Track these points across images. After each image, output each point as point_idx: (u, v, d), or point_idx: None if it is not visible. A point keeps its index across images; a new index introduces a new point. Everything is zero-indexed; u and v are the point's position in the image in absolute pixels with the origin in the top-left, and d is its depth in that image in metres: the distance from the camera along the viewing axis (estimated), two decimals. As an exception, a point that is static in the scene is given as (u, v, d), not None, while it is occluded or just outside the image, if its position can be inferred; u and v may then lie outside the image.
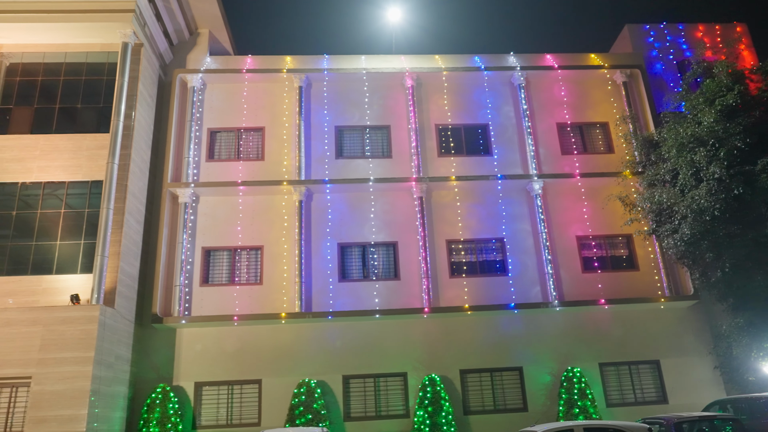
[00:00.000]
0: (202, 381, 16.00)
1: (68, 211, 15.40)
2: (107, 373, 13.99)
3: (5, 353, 13.27)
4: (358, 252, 17.71)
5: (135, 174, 16.14)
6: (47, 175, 15.64)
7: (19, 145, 15.91)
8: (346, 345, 16.55)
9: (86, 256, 14.91)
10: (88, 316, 13.58)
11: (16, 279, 14.69)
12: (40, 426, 12.80)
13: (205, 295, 16.79)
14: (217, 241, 17.35)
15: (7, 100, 16.56)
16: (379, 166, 18.48)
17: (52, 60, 17.03)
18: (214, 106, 18.90)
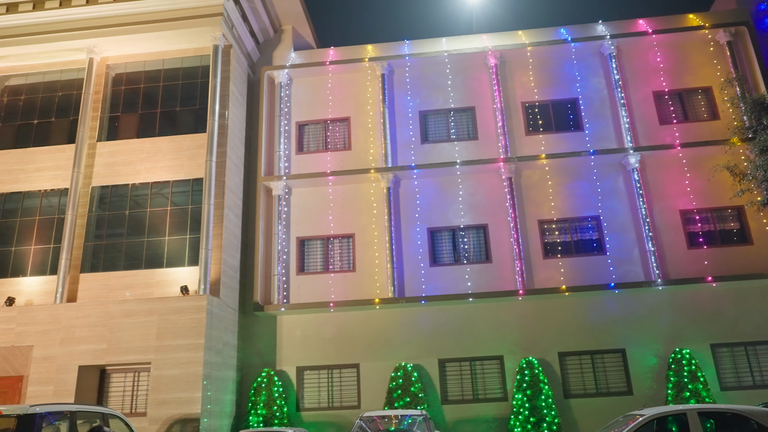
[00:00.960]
0: (303, 365, 16.65)
1: (174, 209, 16.45)
2: (217, 358, 14.89)
3: (127, 341, 14.45)
4: (448, 236, 17.66)
5: (231, 170, 16.95)
6: (153, 176, 16.75)
7: (127, 149, 17.14)
8: (441, 329, 16.61)
9: (192, 250, 15.87)
10: (197, 306, 14.50)
11: (132, 273, 15.90)
12: (160, 407, 13.86)
13: (302, 283, 17.41)
14: (310, 231, 17.90)
15: (115, 109, 17.86)
16: (465, 149, 18.29)
17: (152, 68, 18.15)
18: (300, 99, 19.43)
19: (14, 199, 17.08)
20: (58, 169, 17.08)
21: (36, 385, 14.35)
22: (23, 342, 14.76)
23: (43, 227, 16.66)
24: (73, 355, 14.50)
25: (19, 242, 16.58)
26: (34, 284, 16.02)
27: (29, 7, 17.96)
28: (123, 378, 15.18)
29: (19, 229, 16.73)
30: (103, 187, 16.86)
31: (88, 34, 17.55)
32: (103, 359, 14.46)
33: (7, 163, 17.35)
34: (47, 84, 18.40)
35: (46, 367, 14.47)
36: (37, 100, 18.25)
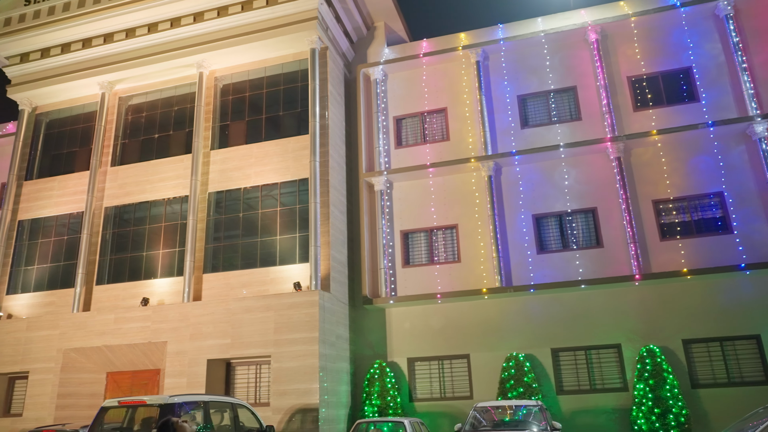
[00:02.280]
0: (414, 357, 16.85)
1: (283, 209, 17.22)
2: (331, 351, 15.45)
3: (248, 336, 15.35)
4: (555, 222, 17.12)
5: (334, 168, 17.46)
6: (263, 179, 17.62)
7: (238, 155, 18.16)
8: (552, 317, 16.16)
9: (302, 247, 16.55)
10: (310, 301, 15.11)
11: (249, 272, 16.85)
12: (282, 398, 14.61)
13: (408, 275, 17.61)
14: (413, 224, 18.06)
15: (224, 118, 18.97)
16: (568, 131, 17.61)
17: (255, 76, 19.07)
18: (396, 94, 19.61)
19: (142, 208, 18.66)
20: (178, 178, 18.43)
21: (171, 378, 15.62)
22: (158, 338, 16.12)
23: (168, 232, 18.07)
24: (202, 349, 15.63)
25: (149, 247, 18.09)
26: (164, 285, 17.42)
27: (145, 31, 19.47)
28: (246, 370, 16.16)
29: (148, 236, 18.26)
30: (218, 192, 17.98)
31: (197, 50, 18.74)
32: (227, 353, 15.47)
33: (135, 175, 18.97)
34: (164, 100, 19.89)
35: (179, 361, 15.72)
36: (156, 116, 19.80)
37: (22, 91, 20.73)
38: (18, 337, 17.56)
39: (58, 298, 18.46)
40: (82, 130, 20.56)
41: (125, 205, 18.81)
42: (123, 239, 18.54)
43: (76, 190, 19.50)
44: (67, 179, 19.83)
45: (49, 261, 19.13)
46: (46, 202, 19.82)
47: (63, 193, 19.68)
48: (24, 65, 20.75)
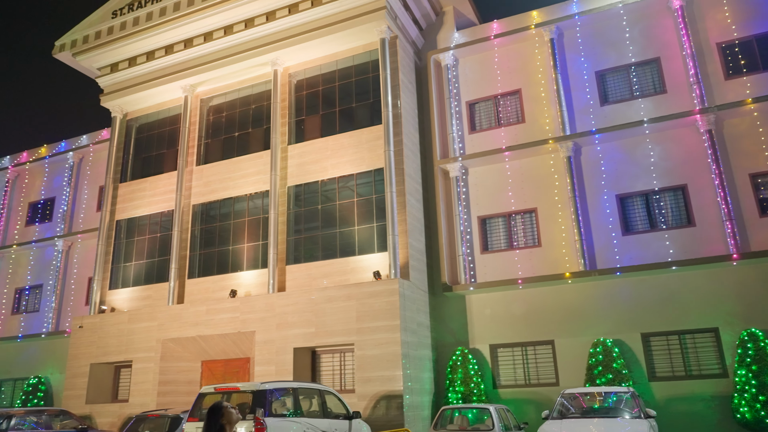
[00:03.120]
0: (496, 343, 16.68)
1: (360, 199, 17.45)
2: (412, 338, 15.56)
3: (331, 325, 15.73)
4: (641, 201, 16.37)
5: (408, 157, 17.48)
6: (339, 171, 17.92)
7: (314, 149, 18.55)
8: (641, 301, 15.49)
9: (380, 237, 16.72)
10: (390, 289, 15.26)
11: (329, 262, 17.23)
12: (366, 384, 14.90)
13: (487, 261, 17.42)
14: (490, 209, 17.81)
15: (300, 113, 19.42)
16: (652, 105, 16.74)
17: (327, 70, 19.37)
18: (468, 78, 19.33)
19: (227, 204, 19.47)
20: (259, 174, 19.08)
21: (261, 365, 16.28)
22: (247, 328, 16.83)
23: (251, 226, 18.77)
24: (288, 338, 16.18)
25: (235, 241, 18.88)
26: (250, 277, 18.14)
27: (221, 34, 20.21)
28: (331, 358, 16.58)
29: (233, 230, 19.05)
30: (297, 186, 18.47)
31: (271, 49, 19.26)
32: (312, 342, 15.93)
33: (219, 173, 19.82)
34: (242, 99, 20.61)
35: (267, 350, 16.35)
36: (235, 115, 20.56)
37: (114, 99, 22.12)
38: (121, 328, 18.87)
39: (154, 291, 19.65)
40: (168, 132, 21.69)
41: (211, 202, 19.70)
42: (210, 234, 19.45)
43: (166, 190, 20.62)
44: (157, 180, 21.01)
45: (145, 257, 20.38)
46: (139, 202, 21.10)
47: (154, 193, 20.87)
48: (114, 75, 22.11)
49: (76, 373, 19.23)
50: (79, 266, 23.98)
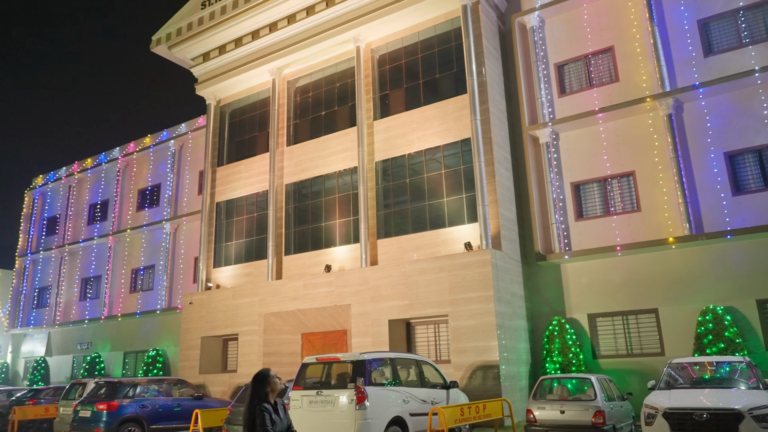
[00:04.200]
0: (595, 312, 16.18)
1: (447, 171, 17.34)
2: (506, 309, 15.41)
3: (425, 297, 15.88)
4: (753, 158, 15.11)
5: (496, 125, 17.10)
6: (425, 143, 17.86)
7: (399, 123, 18.57)
8: (756, 265, 14.41)
9: (470, 208, 16.58)
10: (482, 260, 15.15)
11: (420, 235, 17.33)
12: (461, 355, 14.97)
13: (582, 229, 16.82)
14: (584, 175, 17.12)
15: (384, 87, 19.46)
16: (766, 51, 15.28)
17: (409, 42, 19.22)
18: (555, 39, 18.51)
19: (317, 182, 20.00)
20: (346, 151, 19.40)
21: (357, 337, 16.77)
22: (342, 302, 17.34)
23: (342, 203, 19.20)
24: (382, 311, 16.52)
25: (327, 218, 19.41)
26: (343, 252, 18.62)
27: (304, 15, 20.54)
28: (425, 329, 16.78)
29: (325, 207, 19.58)
30: (384, 161, 18.62)
31: (352, 25, 19.35)
32: (406, 313, 16.17)
33: (308, 152, 20.35)
34: (327, 78, 20.94)
35: (363, 322, 16.79)
36: (321, 94, 20.95)
37: (207, 87, 23.19)
38: (226, 304, 20.05)
39: (254, 268, 20.67)
40: (259, 115, 22.49)
41: (302, 180, 20.31)
42: (303, 212, 20.11)
43: (260, 171, 21.48)
44: (251, 162, 21.92)
45: (244, 236, 21.43)
46: (236, 184, 22.14)
47: (249, 175, 21.80)
48: (206, 64, 23.13)
49: (188, 345, 20.71)
50: (185, 247, 25.62)
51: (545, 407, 10.39)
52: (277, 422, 4.89)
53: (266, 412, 4.83)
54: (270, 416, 4.82)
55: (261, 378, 4.94)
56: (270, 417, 4.82)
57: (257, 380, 4.94)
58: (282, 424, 4.96)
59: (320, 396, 9.90)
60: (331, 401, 9.76)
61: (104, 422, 13.05)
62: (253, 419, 4.83)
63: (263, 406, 4.84)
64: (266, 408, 4.85)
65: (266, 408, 4.85)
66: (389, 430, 9.87)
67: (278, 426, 4.89)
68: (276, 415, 4.90)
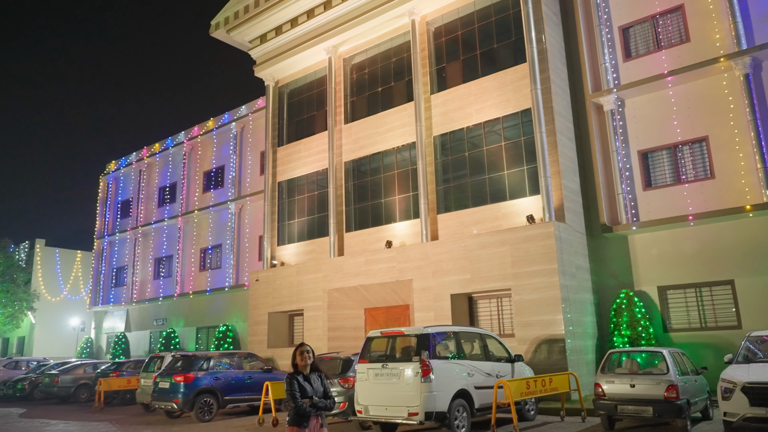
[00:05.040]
0: (665, 285, 15.62)
1: (507, 143, 17.01)
2: (572, 282, 15.11)
3: (486, 271, 15.77)
4: (842, 118, 14.03)
5: (557, 94, 16.59)
6: (483, 116, 17.56)
7: (457, 96, 18.31)
8: None
9: (531, 180, 16.25)
10: (546, 233, 14.86)
11: (480, 209, 17.16)
12: (525, 328, 14.84)
13: (650, 198, 16.19)
14: (652, 142, 16.41)
15: (440, 60, 19.19)
16: None
17: (465, 13, 18.81)
18: (619, 1, 17.64)
19: (376, 159, 20.07)
20: (404, 126, 19.33)
21: (420, 312, 16.89)
22: (404, 277, 17.47)
23: (401, 179, 19.21)
24: (444, 285, 16.54)
25: (386, 194, 19.50)
26: (403, 228, 18.69)
27: (357, -10, 20.42)
28: (488, 303, 16.70)
29: (384, 184, 19.66)
30: (443, 135, 18.45)
31: (406, -1, 19.11)
32: (468, 288, 16.13)
33: (366, 129, 20.41)
34: (382, 54, 20.84)
35: (425, 296, 16.88)
36: (377, 70, 20.89)
37: (265, 68, 23.56)
38: (291, 280, 20.59)
39: (317, 246, 21.08)
40: (316, 94, 22.69)
41: (361, 158, 20.43)
42: (363, 189, 20.26)
43: (319, 150, 21.75)
44: (310, 141, 22.21)
45: (306, 214, 21.85)
46: (296, 163, 22.52)
47: (309, 154, 22.12)
48: (264, 45, 23.46)
49: (257, 321, 21.46)
50: (250, 226, 26.39)
51: (614, 381, 10.19)
52: (307, 389, 5.47)
53: (292, 379, 5.50)
54: (297, 383, 5.45)
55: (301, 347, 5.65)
56: (297, 383, 5.44)
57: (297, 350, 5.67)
58: (314, 391, 5.52)
59: (385, 369, 10.07)
60: (397, 374, 9.91)
61: (182, 393, 13.77)
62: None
63: (289, 375, 5.56)
64: (292, 376, 5.53)
65: (292, 376, 5.53)
66: (454, 402, 9.95)
67: (308, 392, 5.45)
68: (306, 383, 5.50)
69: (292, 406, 5.38)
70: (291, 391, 5.41)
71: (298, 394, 5.40)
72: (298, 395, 5.40)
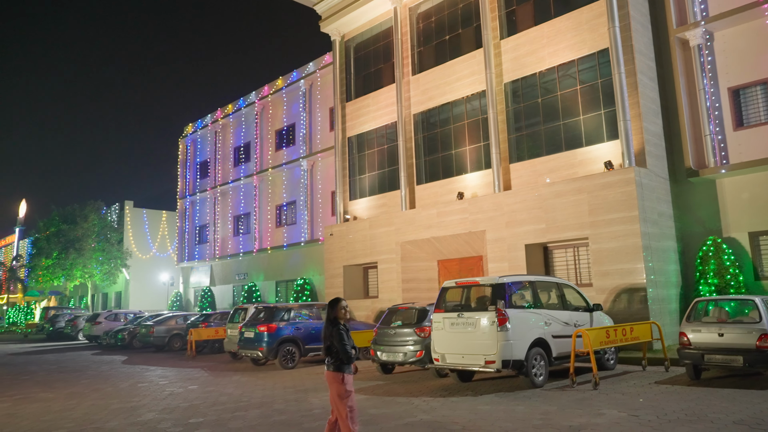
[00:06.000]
0: (758, 231, 14.71)
1: (583, 86, 16.25)
2: (653, 229, 14.50)
3: (562, 220, 15.39)
4: None
5: (637, 31, 15.57)
6: (557, 59, 16.79)
7: (528, 39, 17.56)
8: None
9: (609, 124, 15.52)
10: (625, 179, 14.25)
11: (554, 157, 16.63)
12: (604, 278, 14.47)
13: (742, 139, 15.11)
14: (745, 77, 15.19)
15: (509, 3, 18.37)
16: None
17: (536, -51, 17.80)
18: None
19: (445, 109, 19.75)
20: (473, 75, 18.83)
21: (493, 263, 16.79)
22: (477, 228, 17.35)
23: (471, 129, 18.85)
24: (518, 235, 16.31)
25: (457, 145, 19.23)
26: (475, 178, 18.46)
27: (422, -66, 19.72)
28: (564, 253, 16.36)
29: (454, 134, 19.37)
30: (514, 82, 17.84)
31: (473, -61, 18.28)
32: (543, 238, 15.83)
33: (434, 80, 20.05)
34: (449, 0, 20.18)
35: (498, 247, 16.74)
36: (444, 18, 20.31)
37: (331, 23, 23.43)
38: (364, 234, 20.93)
39: (388, 199, 21.23)
40: (383, 47, 22.41)
41: (430, 109, 20.16)
42: (433, 141, 20.07)
43: (387, 103, 21.62)
44: (378, 95, 22.09)
45: (376, 168, 21.96)
46: (365, 118, 22.53)
47: (377, 107, 22.05)
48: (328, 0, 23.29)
49: (332, 274, 22.07)
50: (322, 182, 26.88)
51: (701, 330, 9.81)
52: (350, 339, 5.92)
53: (343, 331, 5.83)
54: (346, 334, 5.85)
55: (332, 304, 5.98)
56: (347, 334, 5.85)
57: (330, 306, 5.99)
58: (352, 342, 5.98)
59: (461, 318, 10.15)
60: (473, 323, 9.97)
61: (266, 342, 14.50)
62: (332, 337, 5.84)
63: (341, 325, 5.84)
64: (343, 327, 5.86)
65: (343, 327, 5.86)
66: (531, 351, 9.94)
67: (351, 342, 5.88)
68: (347, 334, 5.91)
69: (345, 353, 5.77)
70: (345, 341, 5.80)
71: (350, 343, 5.87)
72: (349, 344, 5.85)
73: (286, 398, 10.02)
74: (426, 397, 9.50)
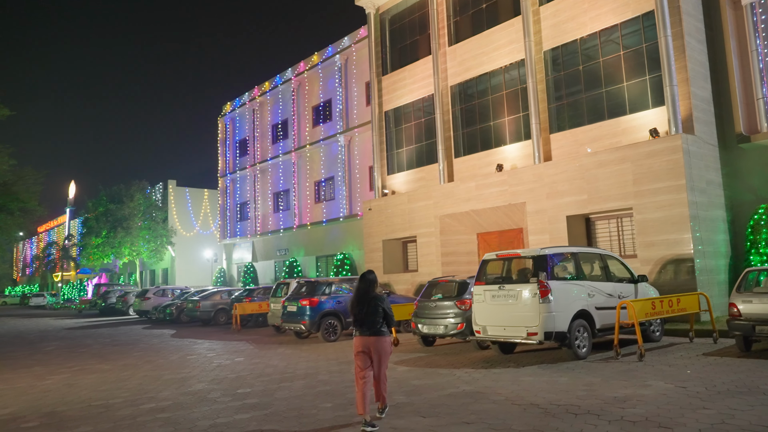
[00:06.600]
0: (814, 197, 14.09)
1: (627, 52, 15.70)
2: (701, 198, 14.05)
3: (605, 190, 15.05)
4: None
5: (685, -9, 14.89)
6: (599, 24, 16.23)
7: (567, 4, 17.01)
8: None
9: (654, 90, 14.99)
10: (672, 147, 13.80)
11: (597, 126, 16.20)
12: (649, 249, 14.14)
13: (798, 102, 14.40)
14: (801, 36, 14.40)
15: (549, -33, 17.78)
16: None
17: None
18: None
19: (483, 80, 19.40)
20: (511, 44, 18.40)
21: (534, 235, 16.60)
22: (517, 200, 17.14)
23: (510, 99, 18.50)
24: (559, 207, 16.05)
25: (495, 116, 18.92)
26: (514, 150, 18.17)
27: None
28: (606, 224, 16.04)
29: (492, 105, 19.05)
30: (554, 49, 17.37)
31: None
32: (585, 209, 15.54)
33: (471, 50, 19.68)
34: (485, -34, 19.68)
35: (539, 219, 16.52)
36: (480, -15, 19.84)
37: (365, -5, 23.17)
38: (403, 208, 20.94)
39: (426, 173, 21.13)
40: (418, 18, 22.07)
41: (467, 80, 19.84)
42: (470, 113, 19.79)
43: (424, 75, 21.37)
44: (414, 67, 21.84)
45: (414, 142, 21.83)
46: (401, 91, 22.35)
47: (414, 80, 21.82)
48: (362, -29, 22.99)
49: (372, 248, 22.22)
50: (359, 157, 26.91)
51: (752, 300, 9.52)
52: None
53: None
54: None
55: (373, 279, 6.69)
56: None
57: (371, 281, 6.64)
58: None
59: (503, 290, 10.10)
60: (514, 295, 9.92)
61: (308, 315, 14.77)
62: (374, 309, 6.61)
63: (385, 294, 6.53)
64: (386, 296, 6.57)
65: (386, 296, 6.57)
66: (575, 323, 9.84)
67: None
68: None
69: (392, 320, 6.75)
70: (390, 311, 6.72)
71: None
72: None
73: (329, 369, 10.23)
74: (468, 369, 9.55)
